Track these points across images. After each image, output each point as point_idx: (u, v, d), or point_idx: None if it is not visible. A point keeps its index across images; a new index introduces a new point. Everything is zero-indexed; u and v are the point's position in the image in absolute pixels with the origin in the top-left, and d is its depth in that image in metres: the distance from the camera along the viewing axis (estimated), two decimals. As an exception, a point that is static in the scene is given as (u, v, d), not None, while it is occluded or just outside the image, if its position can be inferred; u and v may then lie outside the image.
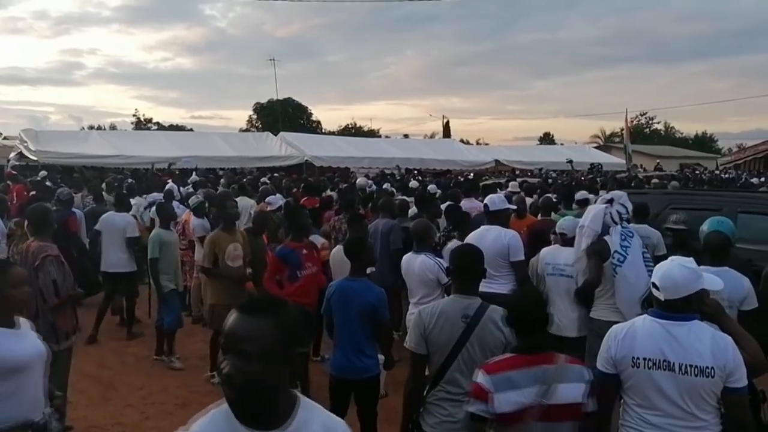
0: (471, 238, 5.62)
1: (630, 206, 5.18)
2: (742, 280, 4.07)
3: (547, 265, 5.33)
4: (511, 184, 14.15)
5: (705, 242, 4.36)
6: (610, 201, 5.11)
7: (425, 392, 3.27)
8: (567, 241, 5.33)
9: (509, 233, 5.58)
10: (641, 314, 3.12)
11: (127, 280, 7.93)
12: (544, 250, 5.51)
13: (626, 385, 2.85)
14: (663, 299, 2.80)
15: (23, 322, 3.21)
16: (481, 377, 2.71)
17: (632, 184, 14.67)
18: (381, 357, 4.43)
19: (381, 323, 4.27)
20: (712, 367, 2.67)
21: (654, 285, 2.85)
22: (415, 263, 5.19)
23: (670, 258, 2.98)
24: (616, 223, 5.01)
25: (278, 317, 1.62)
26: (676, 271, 2.81)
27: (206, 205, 8.62)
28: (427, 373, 3.31)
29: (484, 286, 3.95)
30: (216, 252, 6.22)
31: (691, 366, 2.68)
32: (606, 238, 5.00)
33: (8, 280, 3.10)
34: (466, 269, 3.36)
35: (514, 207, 6.98)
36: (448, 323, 3.20)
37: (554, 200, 8.75)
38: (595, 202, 5.93)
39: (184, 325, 7.28)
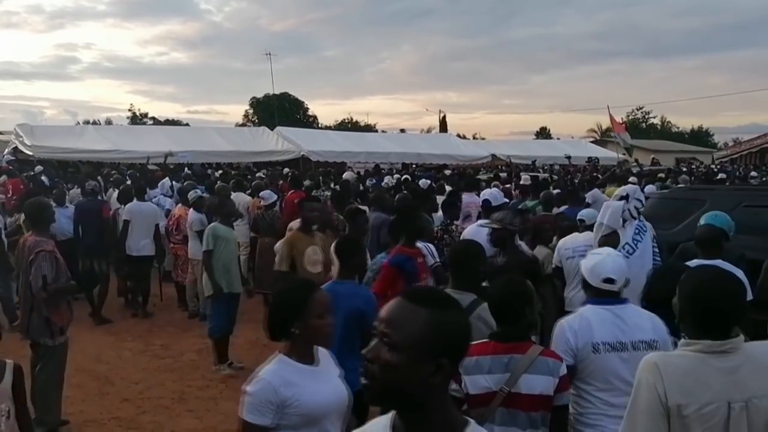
0: (467, 233, 5.69)
1: (643, 199, 5.30)
2: (736, 272, 4.09)
3: (567, 250, 5.55)
4: (523, 177, 14.19)
5: (696, 236, 4.40)
6: (626, 197, 5.16)
7: None
8: (585, 227, 5.61)
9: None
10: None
11: (148, 263, 8.80)
12: (562, 240, 5.69)
13: (585, 372, 2.96)
14: (618, 289, 3.08)
15: (322, 355, 2.62)
16: None
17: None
18: None
19: (370, 330, 3.96)
20: (656, 339, 2.96)
21: (608, 280, 3.07)
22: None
23: (605, 252, 3.30)
24: (634, 218, 5.09)
25: (436, 311, 1.39)
26: (623, 263, 3.20)
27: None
28: None
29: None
30: (293, 255, 5.65)
31: (640, 341, 2.94)
32: (619, 231, 5.09)
33: (313, 307, 2.50)
34: (460, 264, 3.36)
35: (508, 201, 6.97)
36: None
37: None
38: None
39: (231, 332, 6.73)
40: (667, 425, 2.01)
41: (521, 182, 12.78)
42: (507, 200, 6.73)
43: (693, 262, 4.04)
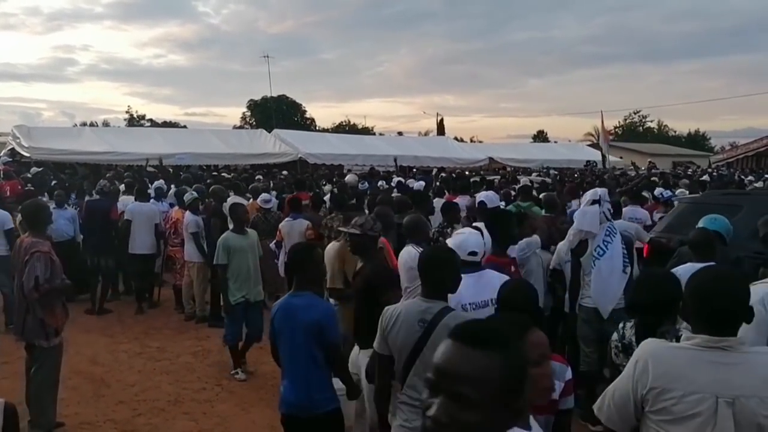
0: (455, 236, 5.60)
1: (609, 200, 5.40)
2: None
3: (566, 253, 5.52)
4: (522, 180, 14.26)
5: (689, 239, 4.42)
6: (599, 201, 5.20)
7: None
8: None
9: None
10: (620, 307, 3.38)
11: (150, 261, 9.03)
12: (561, 243, 5.65)
13: None
14: (479, 260, 3.90)
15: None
16: None
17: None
18: (341, 386, 3.78)
19: (329, 345, 3.59)
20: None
21: (472, 253, 3.85)
22: (404, 253, 5.20)
23: (467, 232, 4.09)
24: (608, 220, 5.15)
25: (509, 353, 1.26)
26: (482, 239, 3.98)
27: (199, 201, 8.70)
28: None
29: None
30: (345, 270, 5.35)
31: (491, 299, 3.54)
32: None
33: (530, 350, 2.05)
34: (429, 272, 3.25)
35: (505, 203, 6.91)
36: (404, 326, 3.14)
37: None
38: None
39: (260, 339, 6.47)
40: (633, 404, 2.15)
41: (520, 185, 12.84)
42: (503, 203, 6.71)
43: (686, 266, 4.06)
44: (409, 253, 5.16)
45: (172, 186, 11.65)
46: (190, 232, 8.20)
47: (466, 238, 3.98)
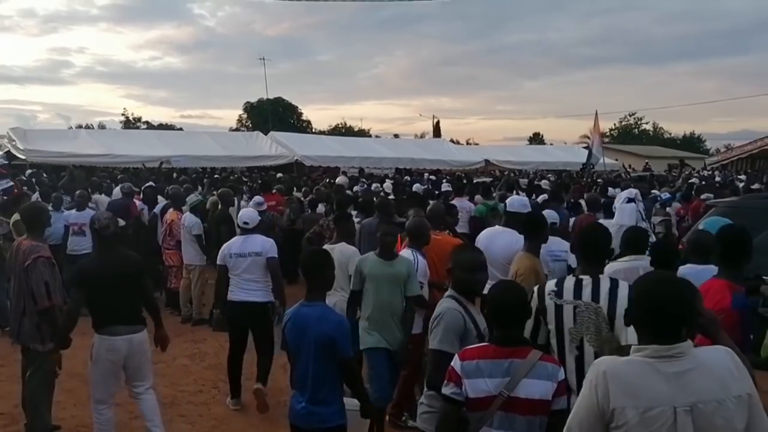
0: (482, 237, 5.56)
1: None
2: None
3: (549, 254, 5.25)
4: (542, 182, 14.26)
5: (689, 241, 4.43)
6: (633, 200, 5.31)
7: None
8: (554, 230, 5.48)
9: (522, 239, 4.99)
10: None
11: (156, 256, 9.07)
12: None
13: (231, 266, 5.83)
14: (251, 228, 5.91)
15: None
16: (456, 362, 2.81)
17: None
18: (354, 402, 3.68)
19: (342, 360, 3.45)
20: (261, 251, 5.89)
21: (245, 222, 5.88)
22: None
23: (249, 209, 6.01)
24: (644, 220, 5.26)
25: None
26: (254, 213, 5.91)
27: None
28: None
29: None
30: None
31: (250, 252, 5.89)
32: None
33: None
34: (463, 273, 3.42)
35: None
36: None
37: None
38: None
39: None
40: (603, 427, 2.07)
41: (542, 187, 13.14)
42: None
43: (684, 267, 4.07)
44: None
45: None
46: (194, 234, 8.20)
47: (245, 212, 6.26)
